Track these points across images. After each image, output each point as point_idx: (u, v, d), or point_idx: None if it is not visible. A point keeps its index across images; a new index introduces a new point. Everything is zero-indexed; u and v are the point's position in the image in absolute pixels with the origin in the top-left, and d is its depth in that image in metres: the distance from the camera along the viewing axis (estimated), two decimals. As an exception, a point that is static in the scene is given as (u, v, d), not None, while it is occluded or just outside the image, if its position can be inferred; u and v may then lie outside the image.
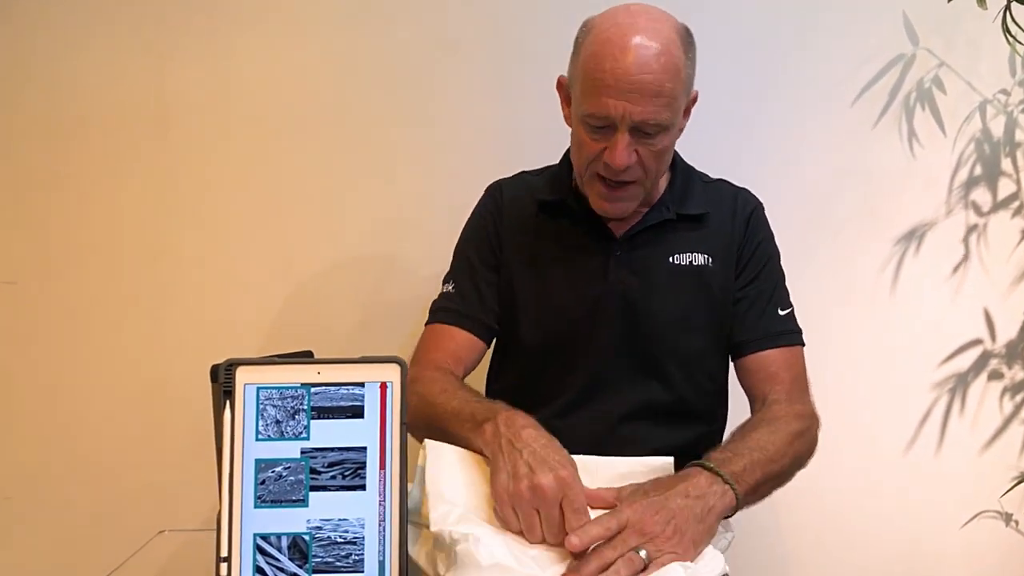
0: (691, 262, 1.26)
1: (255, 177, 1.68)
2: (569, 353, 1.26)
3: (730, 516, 1.02)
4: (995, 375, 1.71)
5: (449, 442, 1.05)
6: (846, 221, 1.70)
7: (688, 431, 1.26)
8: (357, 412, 0.89)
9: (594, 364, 1.25)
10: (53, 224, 1.66)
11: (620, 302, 1.25)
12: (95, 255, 1.67)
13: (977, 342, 1.72)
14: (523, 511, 0.96)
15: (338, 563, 0.87)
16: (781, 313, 1.31)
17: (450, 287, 1.33)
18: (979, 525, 1.72)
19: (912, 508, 1.72)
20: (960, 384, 1.72)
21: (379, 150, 1.66)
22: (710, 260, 1.27)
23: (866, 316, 1.71)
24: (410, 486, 0.98)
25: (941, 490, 1.72)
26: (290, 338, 1.58)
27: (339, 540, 0.87)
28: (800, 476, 1.18)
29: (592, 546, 0.92)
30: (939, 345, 1.72)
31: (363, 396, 0.89)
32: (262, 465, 0.88)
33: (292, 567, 0.87)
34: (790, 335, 1.30)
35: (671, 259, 1.26)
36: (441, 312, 1.31)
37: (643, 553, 0.92)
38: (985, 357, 1.72)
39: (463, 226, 1.36)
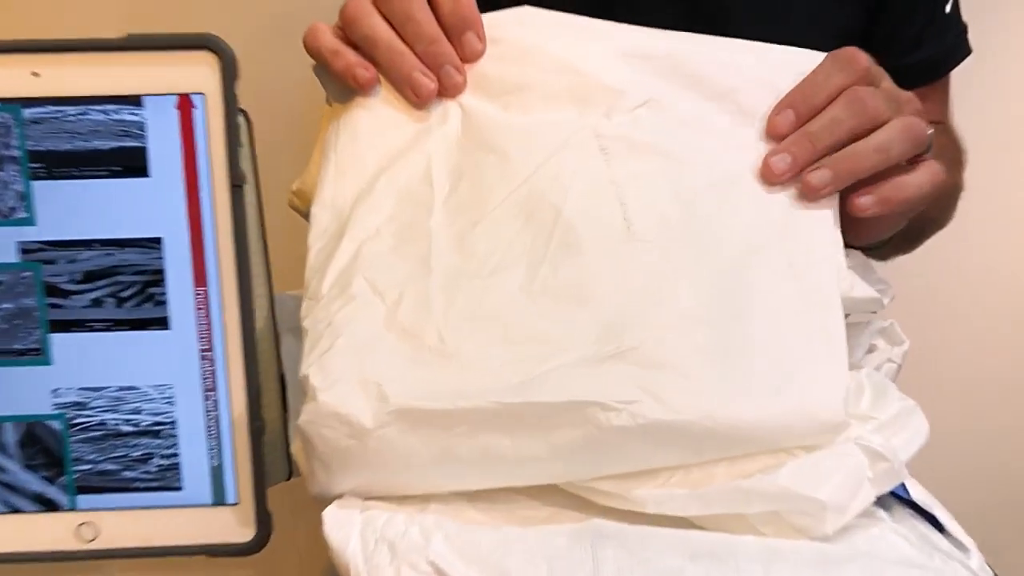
0: None
1: None
2: None
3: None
4: None
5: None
6: None
7: None
8: (133, 162, 0.41)
9: None
10: None
11: None
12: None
13: None
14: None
15: (125, 471, 0.42)
16: (948, 9, 0.79)
17: None
18: None
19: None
20: None
21: None
22: None
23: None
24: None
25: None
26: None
27: (124, 429, 0.42)
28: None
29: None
30: None
31: (143, 127, 0.40)
32: (-60, 281, 0.41)
33: (34, 482, 0.42)
34: (959, 49, 0.80)
35: None
36: None
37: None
38: None
39: None
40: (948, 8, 0.79)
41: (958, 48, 0.80)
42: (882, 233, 0.52)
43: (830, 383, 0.40)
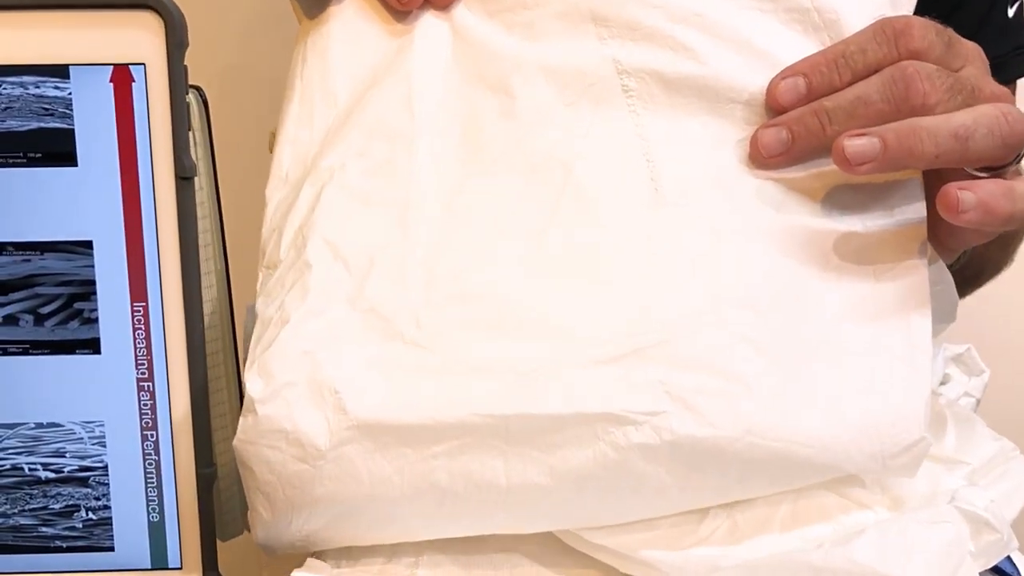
0: None
1: None
2: None
3: None
4: None
5: None
6: None
7: None
8: (57, 147, 0.33)
9: None
10: None
11: None
12: None
13: None
14: None
15: (44, 527, 0.35)
16: (1011, 14, 0.70)
17: None
18: None
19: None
20: None
21: None
22: None
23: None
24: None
25: None
26: None
27: (43, 475, 0.35)
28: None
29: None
30: None
31: (69, 105, 0.33)
32: None
33: (-67, 539, 0.35)
34: (1018, 62, 0.71)
35: None
36: None
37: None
38: None
39: None
40: (1012, 12, 0.71)
41: (1018, 61, 0.71)
42: (953, 249, 0.43)
43: (908, 394, 0.31)
